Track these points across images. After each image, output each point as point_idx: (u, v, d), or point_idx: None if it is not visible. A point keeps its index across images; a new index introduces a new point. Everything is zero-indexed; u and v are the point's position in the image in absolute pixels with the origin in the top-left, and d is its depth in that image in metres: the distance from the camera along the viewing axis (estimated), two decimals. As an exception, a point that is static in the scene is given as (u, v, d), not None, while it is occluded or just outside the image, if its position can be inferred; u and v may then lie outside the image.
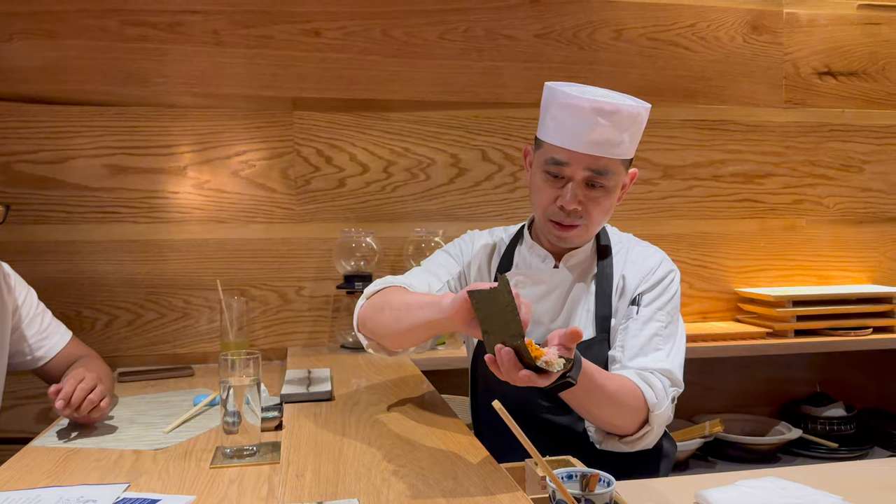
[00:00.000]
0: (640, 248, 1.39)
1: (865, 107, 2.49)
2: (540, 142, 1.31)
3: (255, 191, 2.10)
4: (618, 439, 1.22)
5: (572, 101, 1.22)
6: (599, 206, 1.27)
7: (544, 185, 1.28)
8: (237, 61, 2.07)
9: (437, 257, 1.46)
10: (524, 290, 1.34)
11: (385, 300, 1.26)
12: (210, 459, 1.21)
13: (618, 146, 1.24)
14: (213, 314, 2.07)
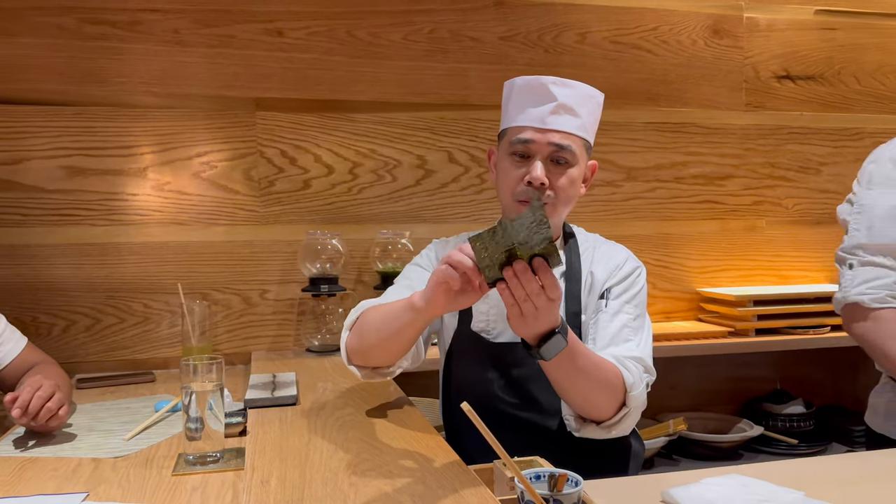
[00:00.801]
0: (607, 247, 1.43)
1: (822, 110, 2.55)
2: (503, 132, 1.36)
3: (217, 192, 2.07)
4: (595, 425, 1.22)
5: (530, 81, 1.31)
6: (564, 183, 1.30)
7: (511, 167, 1.31)
8: (198, 61, 2.04)
9: (408, 272, 1.45)
10: None
11: (364, 323, 1.28)
12: (172, 467, 1.19)
13: (577, 121, 1.30)
14: (174, 318, 2.03)
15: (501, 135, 1.37)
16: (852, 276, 1.43)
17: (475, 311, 1.38)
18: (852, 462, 1.27)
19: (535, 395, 1.34)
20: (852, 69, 2.56)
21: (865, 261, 1.43)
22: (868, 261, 1.43)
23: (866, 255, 1.44)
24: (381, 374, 1.31)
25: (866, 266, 1.43)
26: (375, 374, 1.31)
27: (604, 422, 1.22)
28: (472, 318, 1.39)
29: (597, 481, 1.13)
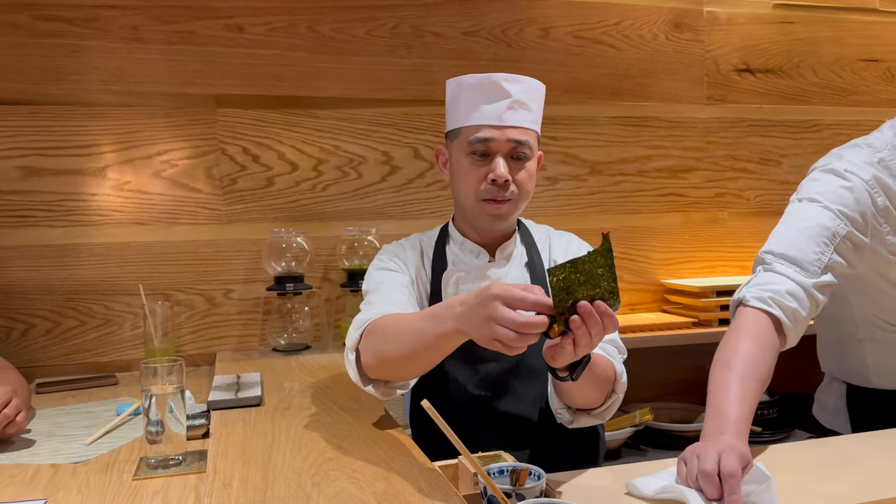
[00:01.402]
0: (558, 236, 1.48)
1: (782, 102, 2.59)
2: (456, 131, 1.35)
3: (178, 191, 2.03)
4: (588, 414, 1.25)
5: (480, 79, 1.31)
6: (525, 178, 1.32)
7: (471, 167, 1.31)
8: (157, 58, 2.00)
9: (381, 276, 1.37)
10: (466, 286, 1.37)
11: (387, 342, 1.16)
12: (133, 471, 1.17)
13: (531, 115, 1.32)
14: (136, 320, 2.00)
15: (452, 134, 1.37)
16: (749, 279, 1.32)
17: None
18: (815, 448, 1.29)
19: (514, 387, 1.35)
20: (810, 62, 2.61)
21: (768, 268, 1.30)
22: (770, 268, 1.30)
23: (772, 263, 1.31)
24: (400, 387, 1.25)
25: (768, 272, 1.30)
26: (393, 390, 1.24)
27: (594, 409, 1.25)
28: None
29: (560, 474, 1.14)
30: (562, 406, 1.26)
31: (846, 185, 1.34)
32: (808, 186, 1.39)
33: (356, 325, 1.23)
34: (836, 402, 1.59)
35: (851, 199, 1.32)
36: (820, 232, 1.30)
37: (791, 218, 1.35)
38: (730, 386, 1.12)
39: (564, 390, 1.20)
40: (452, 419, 1.17)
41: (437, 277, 1.40)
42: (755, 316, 1.22)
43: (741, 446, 1.00)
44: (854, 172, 1.35)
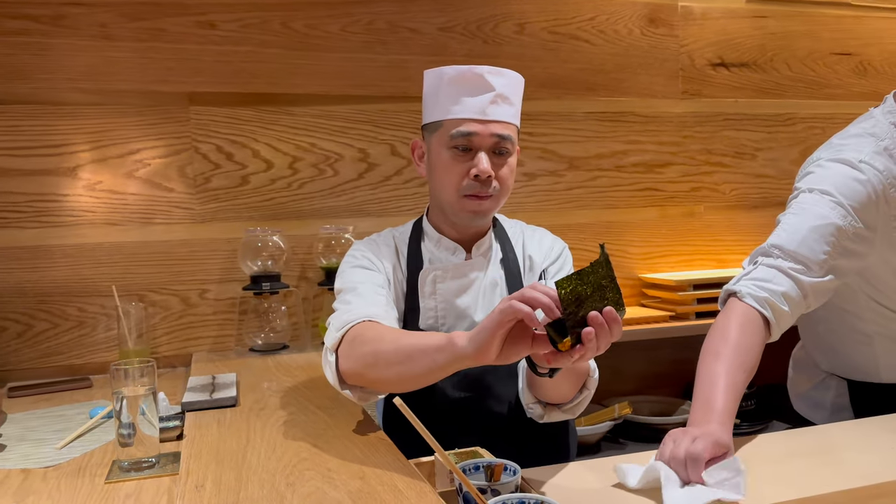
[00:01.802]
0: (531, 231, 1.47)
1: (756, 96, 2.61)
2: (436, 124, 1.32)
3: (151, 191, 2.01)
4: (559, 409, 1.24)
5: (463, 71, 1.28)
6: (507, 174, 1.31)
7: (453, 161, 1.28)
8: (128, 55, 1.97)
9: (356, 275, 1.33)
10: (444, 284, 1.35)
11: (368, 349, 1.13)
12: (106, 474, 1.15)
13: (512, 109, 1.30)
14: (110, 322, 1.97)
15: (431, 127, 1.34)
16: (748, 272, 1.30)
17: (423, 307, 1.35)
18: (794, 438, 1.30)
19: (493, 387, 1.33)
20: (784, 56, 2.63)
21: (772, 263, 1.28)
22: (774, 264, 1.28)
23: (777, 259, 1.29)
24: (379, 393, 1.22)
25: (770, 268, 1.28)
26: (372, 395, 1.21)
27: (565, 404, 1.24)
28: (419, 315, 1.36)
29: (535, 469, 1.14)
30: (534, 401, 1.25)
31: (861, 179, 1.31)
32: (819, 176, 1.35)
33: (337, 326, 1.19)
34: (835, 399, 1.56)
35: (864, 194, 1.31)
36: (832, 231, 1.29)
37: (802, 211, 1.32)
38: (718, 376, 1.15)
39: (538, 385, 1.19)
40: (432, 421, 1.16)
41: (413, 276, 1.37)
42: (746, 311, 1.23)
43: (721, 435, 1.03)
44: (869, 163, 1.33)
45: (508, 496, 0.84)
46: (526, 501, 0.83)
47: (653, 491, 1.07)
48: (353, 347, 1.15)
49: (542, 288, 0.94)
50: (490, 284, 1.37)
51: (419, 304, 1.35)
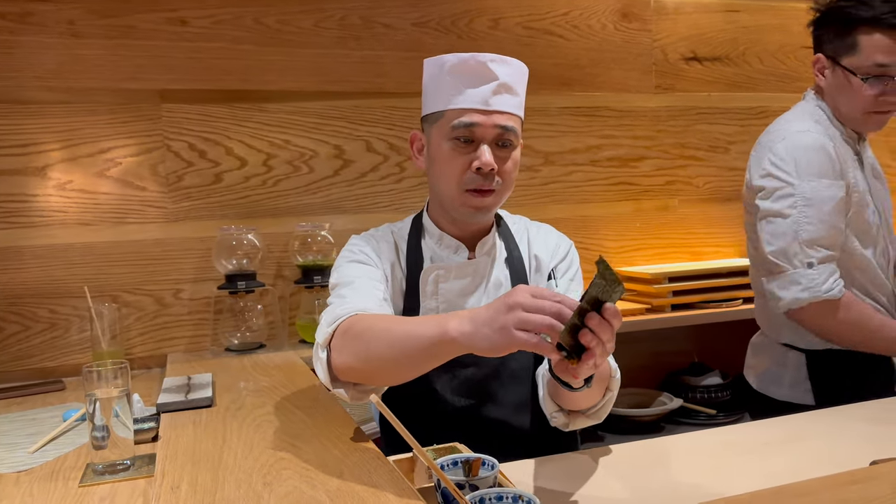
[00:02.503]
0: (536, 227, 1.43)
1: (729, 90, 2.64)
2: (436, 115, 1.25)
3: (123, 190, 1.98)
4: (584, 415, 1.19)
5: (466, 59, 1.22)
6: (510, 167, 1.25)
7: (454, 153, 1.23)
8: (97, 53, 1.94)
9: (353, 269, 1.28)
10: (446, 284, 1.30)
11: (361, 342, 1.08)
12: (80, 478, 1.13)
13: (516, 99, 1.25)
14: (83, 323, 1.94)
15: (431, 118, 1.27)
16: (817, 274, 1.52)
17: (423, 307, 1.30)
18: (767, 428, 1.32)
19: (495, 392, 1.29)
20: (756, 50, 2.65)
21: (824, 257, 1.52)
22: (826, 256, 1.53)
23: (823, 251, 1.52)
24: (374, 390, 1.17)
25: (825, 263, 1.52)
26: (366, 394, 1.15)
27: (590, 409, 1.19)
28: (418, 315, 1.30)
29: (513, 463, 1.14)
30: (557, 409, 1.19)
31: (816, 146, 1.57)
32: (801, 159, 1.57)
33: (328, 321, 1.14)
34: (794, 373, 1.66)
35: (827, 159, 1.56)
36: (841, 207, 1.55)
37: (812, 200, 1.54)
38: None
39: (566, 395, 1.12)
40: (433, 429, 1.15)
41: (413, 274, 1.31)
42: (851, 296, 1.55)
43: None
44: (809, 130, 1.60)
45: (486, 491, 0.84)
46: (504, 496, 0.83)
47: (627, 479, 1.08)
48: (344, 341, 1.10)
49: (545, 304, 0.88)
50: (494, 285, 1.32)
51: (419, 304, 1.30)
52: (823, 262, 1.52)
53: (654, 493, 1.03)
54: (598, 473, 1.11)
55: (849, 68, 1.59)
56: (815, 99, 1.70)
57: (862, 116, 1.63)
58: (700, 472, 1.11)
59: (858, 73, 1.58)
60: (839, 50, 1.61)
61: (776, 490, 0.89)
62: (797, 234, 1.53)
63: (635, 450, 1.23)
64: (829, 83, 1.65)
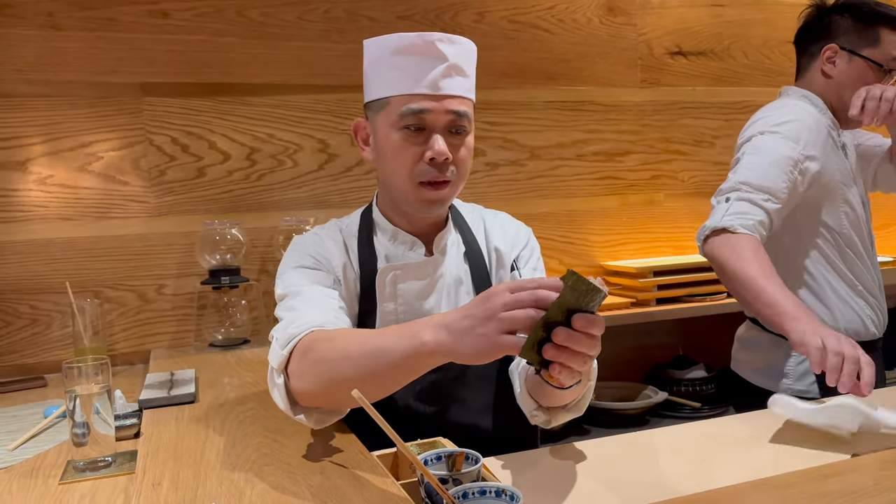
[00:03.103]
0: (492, 218, 1.36)
1: (714, 85, 2.64)
2: (381, 101, 1.16)
3: (104, 184, 1.96)
4: (564, 409, 1.13)
5: (412, 39, 1.12)
6: (465, 155, 1.18)
7: (404, 143, 1.14)
8: (77, 45, 1.92)
9: (301, 277, 1.18)
10: (405, 284, 1.22)
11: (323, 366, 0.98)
12: (60, 475, 1.12)
13: (468, 82, 1.17)
14: (65, 319, 1.92)
15: (375, 105, 1.18)
16: (727, 208, 1.51)
17: (381, 310, 1.22)
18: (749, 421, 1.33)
19: (461, 396, 1.24)
20: (741, 44, 2.66)
21: (743, 196, 1.52)
22: (745, 197, 1.51)
23: (746, 192, 1.52)
24: (338, 414, 1.08)
25: (742, 201, 1.51)
26: (330, 417, 1.07)
27: (570, 403, 1.13)
28: (376, 320, 1.23)
29: (497, 457, 1.14)
30: (536, 407, 1.13)
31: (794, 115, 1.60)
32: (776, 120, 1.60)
33: (283, 342, 1.03)
34: (797, 366, 1.67)
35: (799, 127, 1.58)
36: (786, 163, 1.54)
37: (759, 151, 1.57)
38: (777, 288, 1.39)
39: (551, 393, 1.07)
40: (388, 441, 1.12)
41: (367, 275, 1.23)
42: (748, 238, 1.47)
43: None
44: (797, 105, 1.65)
45: (470, 485, 0.83)
46: (487, 490, 0.83)
47: (611, 472, 1.08)
48: (304, 364, 1.00)
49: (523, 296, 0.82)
50: (454, 282, 1.26)
51: (376, 307, 1.22)
52: (742, 200, 1.52)
53: (637, 487, 1.03)
54: (582, 467, 1.11)
55: (872, 59, 1.62)
56: (799, 91, 1.73)
57: None
58: (684, 465, 1.11)
59: (884, 65, 1.62)
60: (859, 41, 1.64)
61: (758, 483, 0.89)
62: (734, 174, 1.57)
63: (620, 443, 1.23)
64: (840, 73, 1.67)
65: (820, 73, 1.69)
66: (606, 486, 1.03)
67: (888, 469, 0.92)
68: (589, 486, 1.04)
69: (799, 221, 1.65)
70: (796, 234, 1.66)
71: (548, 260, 2.38)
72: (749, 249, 1.45)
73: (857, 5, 1.66)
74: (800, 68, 1.78)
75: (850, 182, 1.68)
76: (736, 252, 1.45)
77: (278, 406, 1.03)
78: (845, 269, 1.68)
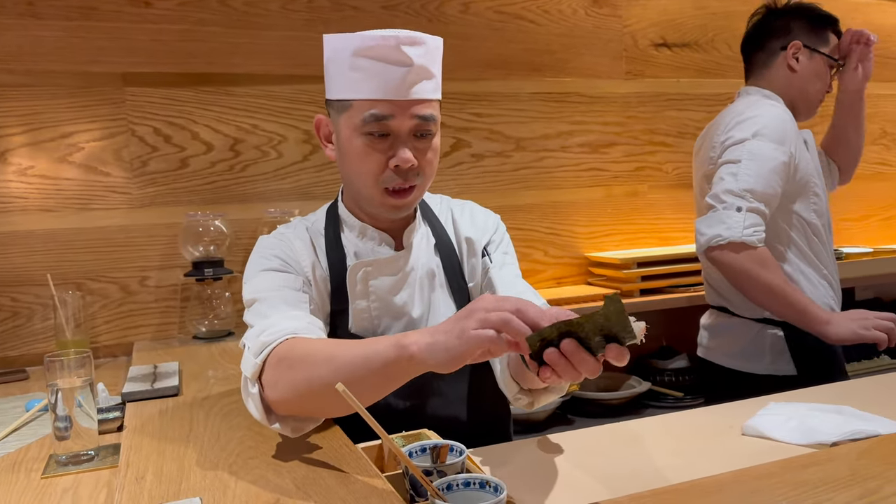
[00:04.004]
0: (459, 208, 1.34)
1: (698, 76, 2.65)
2: (344, 102, 1.12)
3: (86, 175, 1.94)
4: (546, 391, 1.11)
5: (375, 40, 1.06)
6: (432, 158, 1.15)
7: (367, 149, 1.11)
8: (57, 34, 1.89)
9: (269, 281, 1.16)
10: (377, 281, 1.20)
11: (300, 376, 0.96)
12: (42, 469, 1.11)
13: (433, 82, 1.13)
14: (46, 312, 1.90)
15: (337, 105, 1.14)
16: (742, 219, 1.65)
17: (353, 308, 1.20)
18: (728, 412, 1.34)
19: (439, 389, 1.23)
20: (725, 36, 2.67)
21: (752, 207, 1.66)
22: (754, 207, 1.66)
23: (753, 202, 1.66)
24: (315, 423, 1.07)
25: (752, 213, 1.66)
26: (307, 425, 1.05)
27: None
28: (348, 318, 1.20)
29: (481, 448, 1.15)
30: (518, 392, 1.10)
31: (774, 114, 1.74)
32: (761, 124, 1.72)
33: (255, 351, 1.01)
34: (772, 346, 1.79)
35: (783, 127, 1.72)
36: (781, 168, 1.69)
37: (756, 157, 1.69)
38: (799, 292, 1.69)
39: (531, 377, 1.04)
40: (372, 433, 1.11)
41: (337, 273, 1.20)
42: (764, 250, 1.67)
43: None
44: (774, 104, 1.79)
45: (453, 477, 0.84)
46: (471, 482, 0.83)
47: (594, 463, 1.09)
48: (279, 373, 0.98)
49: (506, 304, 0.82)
50: (427, 276, 1.25)
51: (348, 305, 1.20)
52: (751, 211, 1.66)
53: (619, 478, 1.04)
54: (565, 458, 1.12)
55: (831, 56, 1.83)
56: (760, 91, 1.87)
57: (816, 101, 1.86)
58: (665, 456, 1.12)
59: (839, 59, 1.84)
60: (817, 40, 1.82)
61: (738, 473, 0.90)
62: (736, 180, 1.68)
63: (603, 434, 1.24)
64: (804, 67, 1.82)
65: (784, 69, 1.84)
66: (589, 477, 1.04)
67: (865, 458, 0.93)
68: (572, 477, 1.05)
69: (776, 213, 1.75)
70: (773, 225, 1.76)
71: (532, 251, 2.40)
72: (771, 261, 1.66)
73: (810, 9, 1.84)
74: (754, 67, 1.91)
75: (815, 174, 1.81)
76: (760, 264, 1.65)
77: (253, 416, 1.02)
78: (812, 255, 1.81)
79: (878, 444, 1.00)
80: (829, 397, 1.32)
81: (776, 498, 0.82)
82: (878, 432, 1.09)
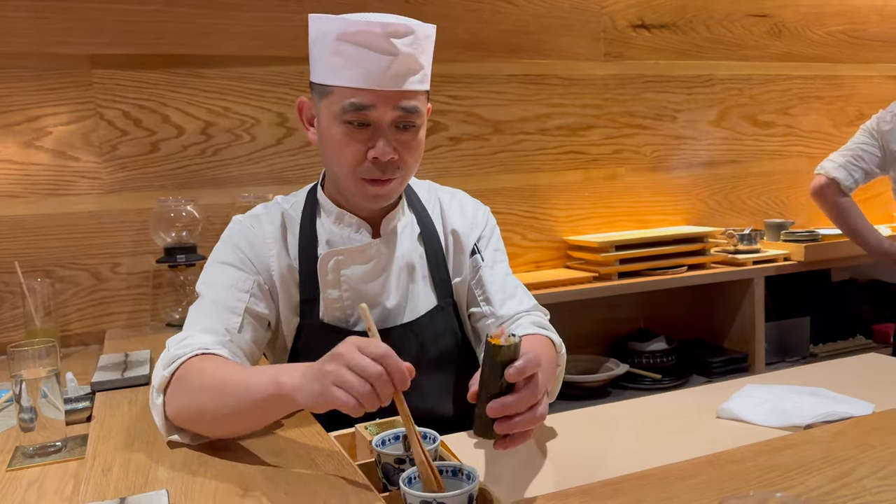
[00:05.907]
0: (448, 197, 1.31)
1: (676, 58, 2.64)
2: (325, 87, 1.08)
3: (53, 160, 1.89)
4: None
5: (360, 28, 1.02)
6: (414, 151, 1.11)
7: (346, 138, 1.07)
8: (21, 15, 1.84)
9: (219, 277, 1.15)
10: (348, 270, 1.17)
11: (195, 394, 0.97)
12: (8, 461, 1.09)
13: (420, 73, 1.08)
14: (15, 300, 1.86)
15: (319, 89, 1.10)
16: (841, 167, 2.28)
17: (325, 298, 1.17)
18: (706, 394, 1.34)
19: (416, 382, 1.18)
20: (703, 18, 2.66)
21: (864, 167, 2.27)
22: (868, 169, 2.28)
23: None
24: None
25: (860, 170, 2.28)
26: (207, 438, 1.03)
27: None
28: (320, 308, 1.18)
29: (455, 435, 1.14)
30: None
31: None
32: None
33: (166, 362, 1.02)
34: None
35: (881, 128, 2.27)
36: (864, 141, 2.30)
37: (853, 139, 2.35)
38: None
39: None
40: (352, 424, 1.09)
41: (307, 261, 1.17)
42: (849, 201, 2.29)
43: None
44: None
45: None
46: (444, 469, 0.82)
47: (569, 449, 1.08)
48: (176, 391, 0.99)
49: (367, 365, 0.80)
50: (406, 266, 1.21)
51: (319, 295, 1.17)
52: None
53: (593, 463, 1.03)
54: (540, 443, 1.11)
55: None
56: None
57: None
58: (641, 440, 1.12)
59: None
60: None
61: (712, 457, 0.90)
62: None
63: (578, 418, 1.23)
64: None
65: None
66: (563, 463, 1.04)
67: (838, 441, 0.93)
68: (547, 463, 1.04)
69: None
70: None
71: (511, 235, 2.39)
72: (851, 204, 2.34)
73: None
74: None
75: None
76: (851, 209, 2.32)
77: (156, 425, 1.02)
78: None
79: (852, 426, 1.00)
80: (803, 379, 1.32)
81: (750, 482, 0.82)
82: (852, 414, 1.09)
